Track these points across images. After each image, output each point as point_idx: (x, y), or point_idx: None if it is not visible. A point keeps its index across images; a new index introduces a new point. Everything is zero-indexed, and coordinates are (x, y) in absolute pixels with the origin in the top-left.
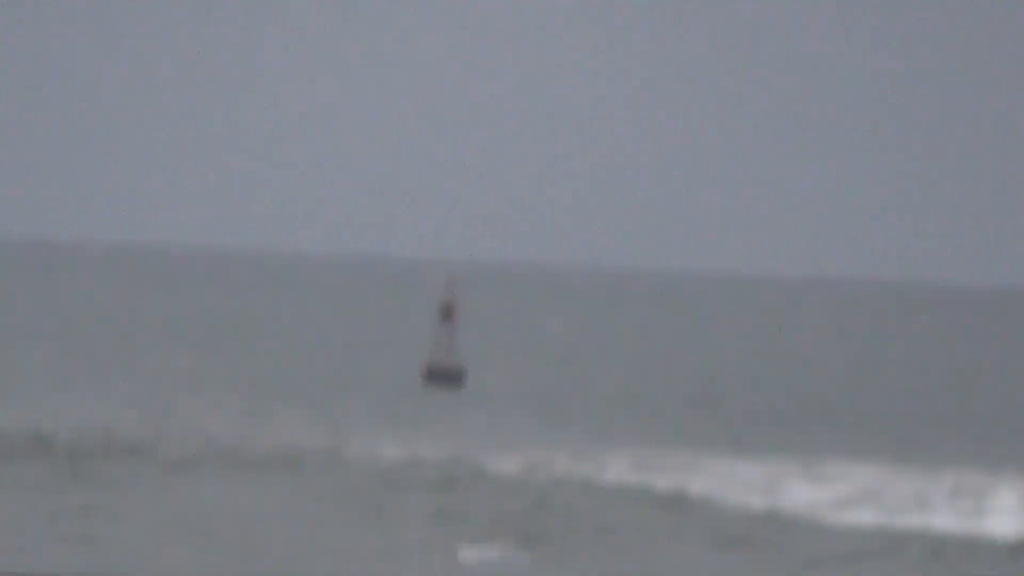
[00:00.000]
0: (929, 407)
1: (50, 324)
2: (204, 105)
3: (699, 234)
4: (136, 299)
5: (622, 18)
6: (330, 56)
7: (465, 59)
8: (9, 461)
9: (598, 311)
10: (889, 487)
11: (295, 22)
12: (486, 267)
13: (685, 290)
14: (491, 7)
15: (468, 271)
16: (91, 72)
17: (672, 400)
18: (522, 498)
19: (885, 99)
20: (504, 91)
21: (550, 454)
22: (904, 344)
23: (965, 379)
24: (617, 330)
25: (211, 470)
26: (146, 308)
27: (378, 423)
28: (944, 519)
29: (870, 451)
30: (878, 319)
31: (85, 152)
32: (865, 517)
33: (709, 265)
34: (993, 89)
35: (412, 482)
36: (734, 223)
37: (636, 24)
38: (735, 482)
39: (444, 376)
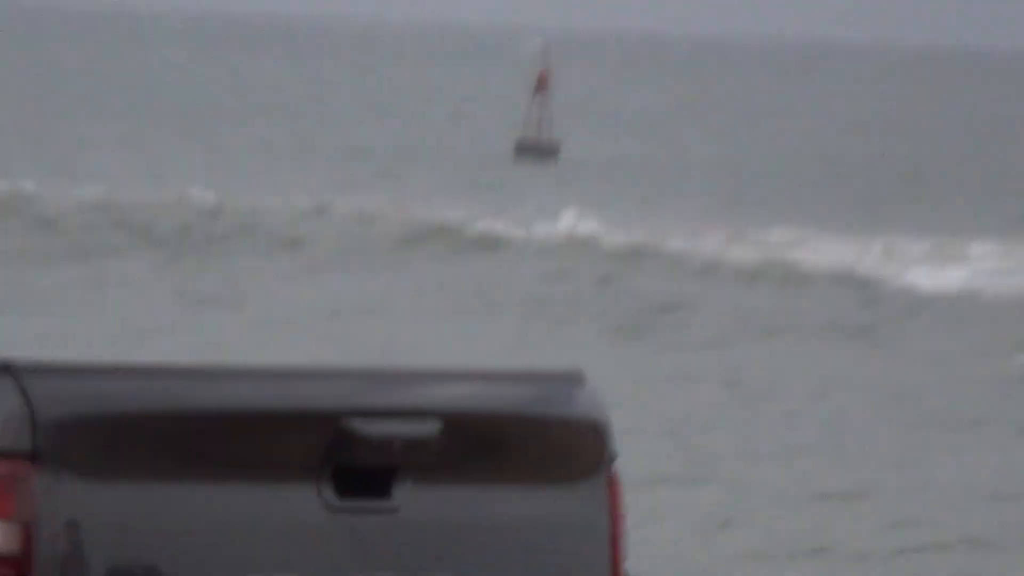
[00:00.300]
0: None
1: (130, 95)
2: None
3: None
4: (216, 69)
5: None
6: None
7: None
8: (101, 249)
9: (694, 81)
10: (1018, 267)
11: None
12: (576, 35)
13: (786, 58)
14: None
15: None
16: None
17: (776, 174)
18: (627, 283)
19: None
20: None
21: (653, 234)
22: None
23: None
24: (715, 100)
25: (308, 257)
26: (226, 78)
27: (471, 202)
28: None
29: (995, 228)
30: (995, 91)
31: None
32: (989, 300)
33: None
34: None
35: (514, 268)
36: None
37: None
38: (852, 263)
39: (537, 150)
